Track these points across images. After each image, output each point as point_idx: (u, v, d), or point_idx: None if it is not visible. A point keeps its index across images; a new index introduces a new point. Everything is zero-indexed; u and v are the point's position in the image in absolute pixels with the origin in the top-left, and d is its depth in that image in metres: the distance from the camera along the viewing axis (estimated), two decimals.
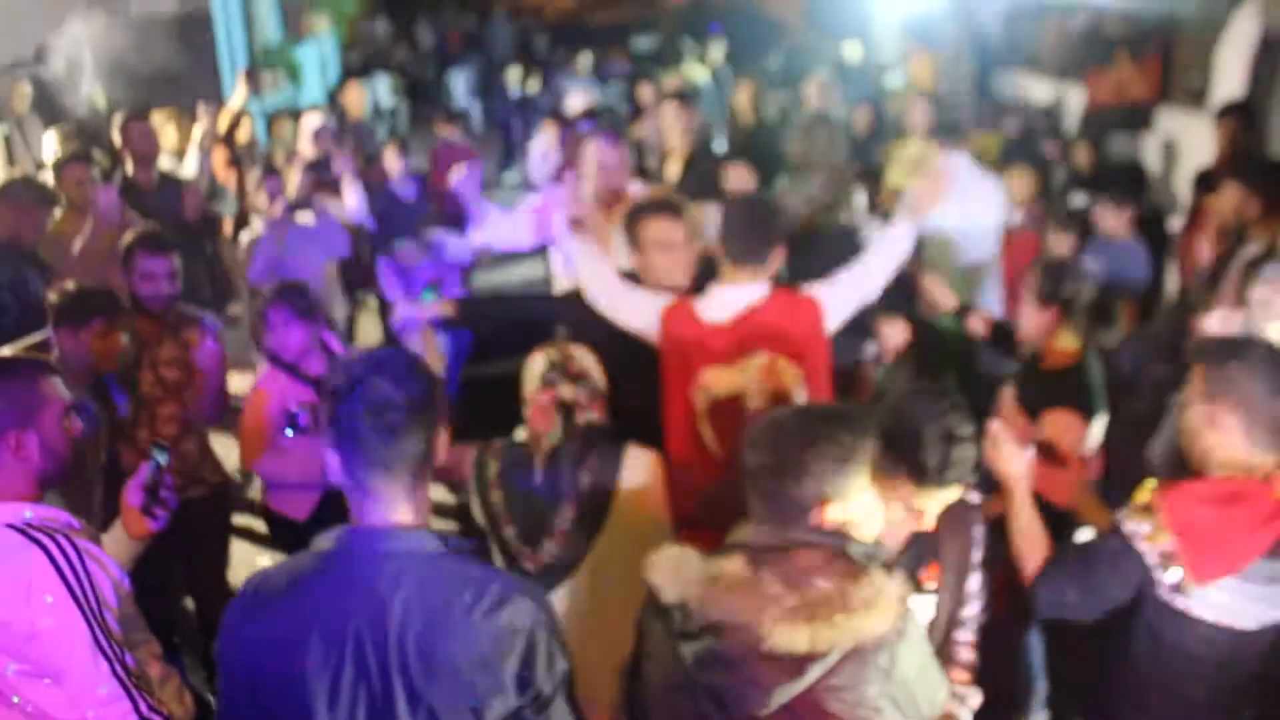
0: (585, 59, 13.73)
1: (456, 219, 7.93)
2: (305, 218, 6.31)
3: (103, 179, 5.87)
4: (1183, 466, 2.69)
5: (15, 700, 2.24)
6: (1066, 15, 8.52)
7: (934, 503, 2.58)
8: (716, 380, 3.46)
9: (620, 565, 2.82)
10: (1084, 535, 3.21)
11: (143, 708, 2.25)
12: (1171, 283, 6.07)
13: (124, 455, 3.95)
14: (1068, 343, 3.81)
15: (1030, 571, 2.70)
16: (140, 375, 4.04)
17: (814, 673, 1.99)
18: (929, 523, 2.61)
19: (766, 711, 2.04)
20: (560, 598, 2.90)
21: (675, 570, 2.13)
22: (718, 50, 11.70)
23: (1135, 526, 2.55)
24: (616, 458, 2.97)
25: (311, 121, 7.86)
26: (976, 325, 4.32)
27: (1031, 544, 2.73)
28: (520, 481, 2.97)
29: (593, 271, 3.74)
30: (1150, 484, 2.61)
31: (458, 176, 5.31)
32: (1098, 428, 3.75)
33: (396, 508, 1.93)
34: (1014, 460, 2.76)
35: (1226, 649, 2.53)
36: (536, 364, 3.08)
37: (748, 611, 2.01)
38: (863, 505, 2.20)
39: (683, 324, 3.52)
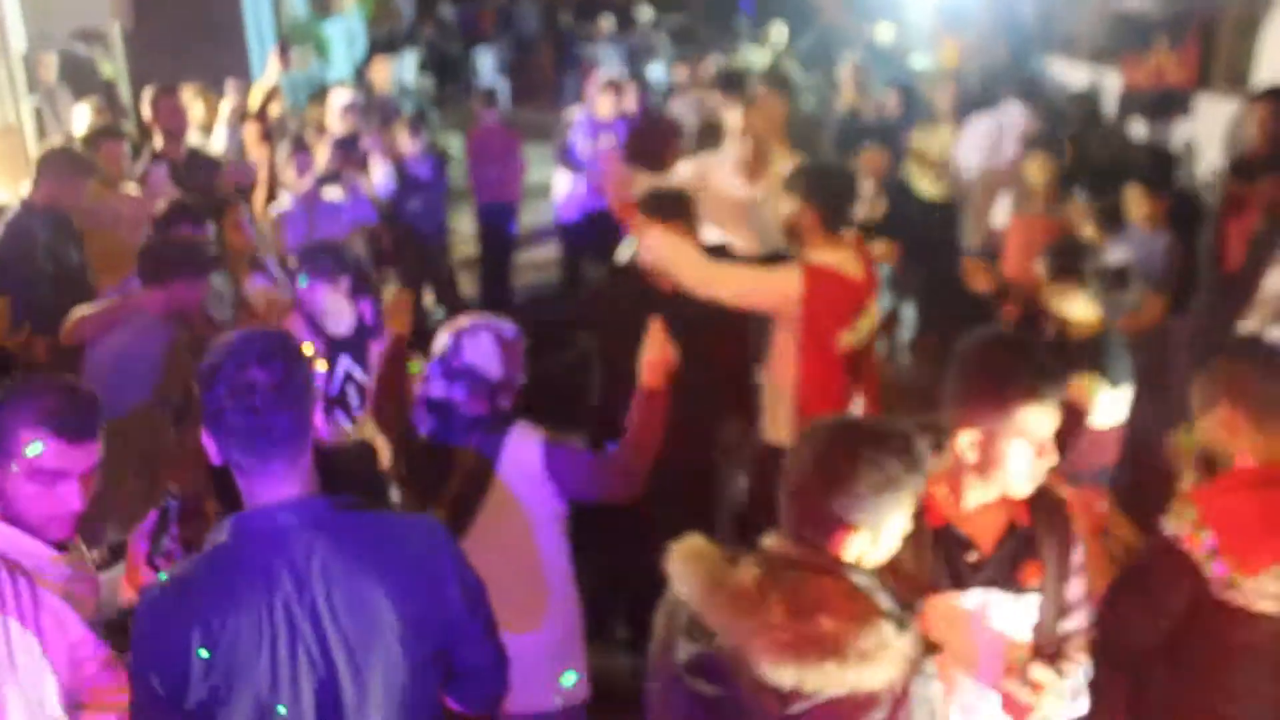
0: (608, 21, 13.60)
1: (496, 206, 7.96)
2: (333, 193, 6.31)
3: (132, 153, 5.92)
4: (1210, 468, 2.69)
5: None
6: None
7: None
8: (864, 329, 3.89)
9: (503, 536, 3.01)
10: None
11: None
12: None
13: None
14: (1086, 313, 3.94)
15: (1095, 601, 2.66)
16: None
17: (797, 708, 1.92)
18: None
19: None
20: None
21: (690, 564, 2.06)
22: (779, 33, 11.58)
23: (1176, 528, 2.51)
24: (500, 436, 3.05)
25: (340, 98, 7.83)
26: (1010, 313, 4.39)
27: (1095, 574, 2.69)
28: (411, 453, 3.14)
29: (692, 259, 3.81)
30: (1184, 484, 2.59)
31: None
32: (1123, 398, 3.81)
33: (281, 484, 1.94)
34: (1090, 505, 2.85)
35: None
36: (436, 347, 3.13)
37: (742, 633, 1.93)
38: (894, 537, 2.09)
39: (834, 285, 3.80)
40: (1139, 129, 7.70)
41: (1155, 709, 2.72)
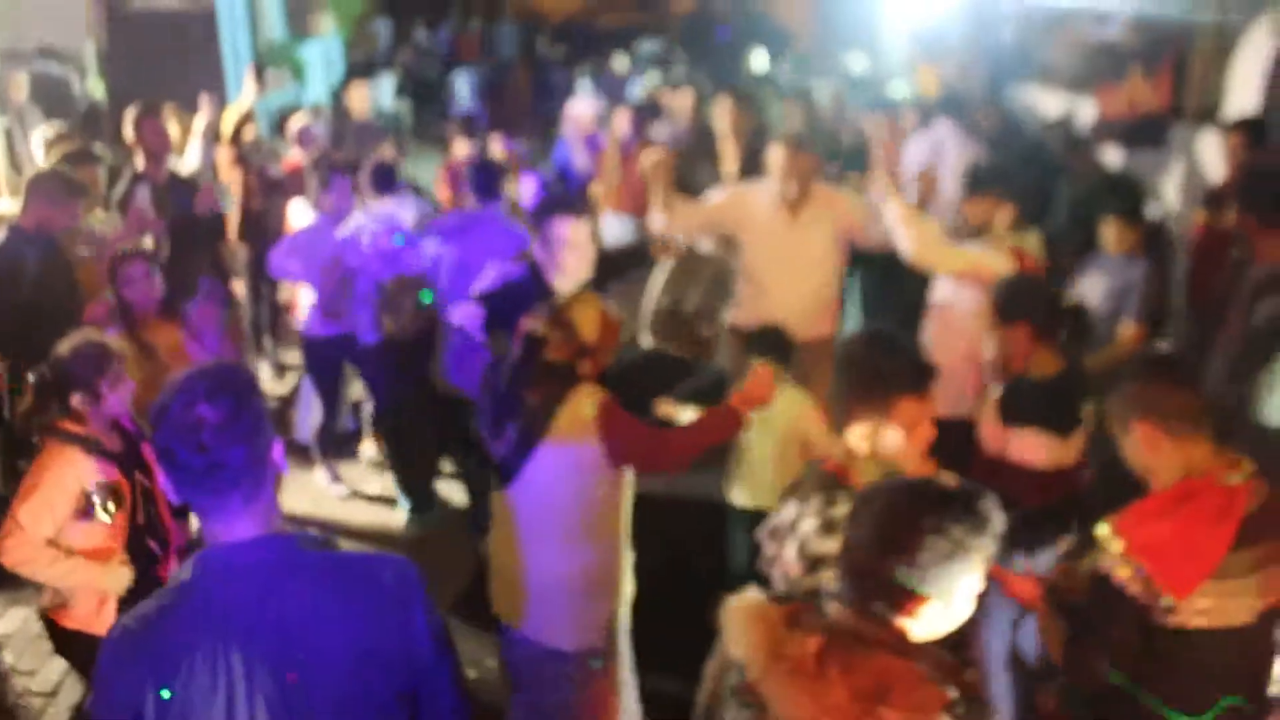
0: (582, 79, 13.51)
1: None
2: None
3: (108, 175, 5.88)
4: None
5: None
6: (1079, 27, 8.49)
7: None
8: None
9: (552, 480, 3.34)
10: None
11: None
12: (1178, 299, 6.00)
13: None
14: (1047, 359, 3.86)
15: (1058, 657, 2.70)
16: None
17: None
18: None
19: None
20: (507, 493, 3.45)
21: (747, 627, 1.98)
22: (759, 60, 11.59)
23: (1107, 565, 2.54)
24: (563, 388, 3.33)
25: (297, 122, 7.73)
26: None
27: (1054, 639, 2.73)
28: (496, 383, 3.51)
29: (925, 234, 4.69)
30: (1103, 524, 2.61)
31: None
32: (1072, 446, 3.79)
33: (238, 522, 1.90)
34: (1025, 588, 2.82)
35: (1238, 650, 2.53)
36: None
37: (797, 711, 1.85)
38: (966, 602, 1.99)
39: (1033, 263, 4.71)
40: (1113, 157, 7.76)
41: None
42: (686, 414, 4.37)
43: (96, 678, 1.92)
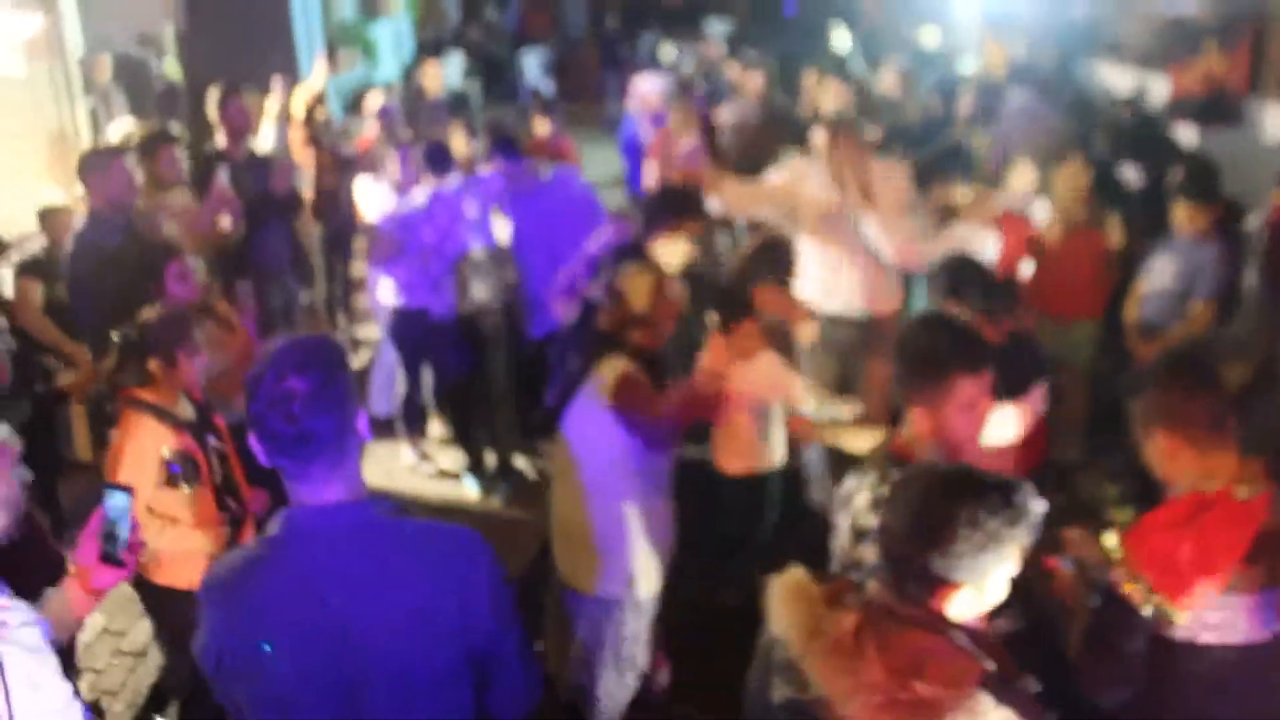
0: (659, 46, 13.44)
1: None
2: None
3: (188, 154, 6.04)
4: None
5: None
6: (1152, 2, 8.32)
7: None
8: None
9: (579, 435, 3.62)
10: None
11: None
12: (1250, 282, 5.89)
13: None
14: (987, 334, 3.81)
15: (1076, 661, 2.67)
16: None
17: None
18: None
19: None
20: (556, 439, 3.73)
21: (789, 605, 2.03)
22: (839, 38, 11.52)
23: (1115, 576, 2.51)
24: (595, 355, 3.55)
25: (374, 100, 7.84)
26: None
27: (1076, 639, 2.70)
28: (560, 339, 3.83)
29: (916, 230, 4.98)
30: (1111, 534, 2.58)
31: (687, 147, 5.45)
32: (1011, 414, 3.62)
33: (323, 488, 1.98)
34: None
35: (1248, 668, 2.47)
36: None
37: (836, 688, 1.90)
38: (999, 589, 2.01)
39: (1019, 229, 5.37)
40: (1186, 136, 7.62)
41: None
42: None
43: (200, 621, 2.03)
